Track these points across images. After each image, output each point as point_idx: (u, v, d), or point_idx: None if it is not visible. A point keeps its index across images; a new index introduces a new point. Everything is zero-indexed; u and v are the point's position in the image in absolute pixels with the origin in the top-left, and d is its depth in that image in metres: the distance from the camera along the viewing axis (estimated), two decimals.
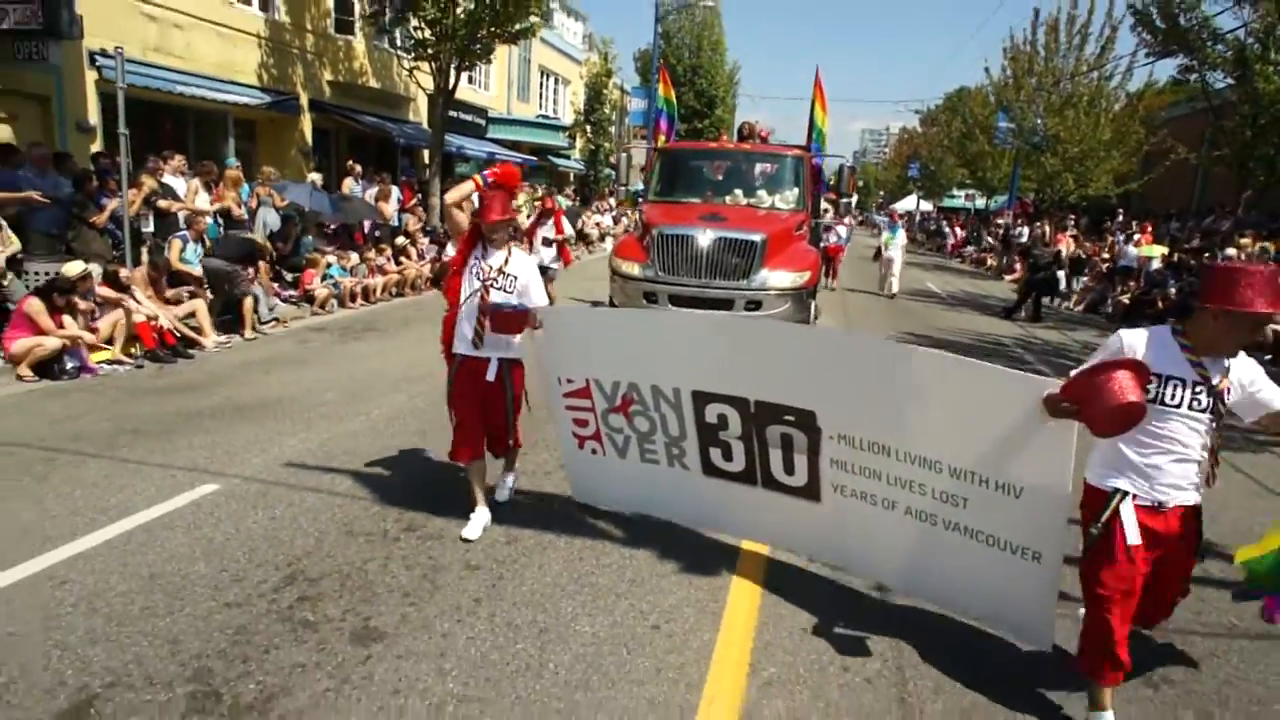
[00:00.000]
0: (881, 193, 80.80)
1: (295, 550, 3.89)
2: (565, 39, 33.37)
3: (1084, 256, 21.56)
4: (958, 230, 28.61)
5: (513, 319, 3.89)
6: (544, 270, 10.48)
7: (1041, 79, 24.21)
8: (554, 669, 3.03)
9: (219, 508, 4.37)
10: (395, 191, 15.14)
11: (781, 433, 3.57)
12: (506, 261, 4.02)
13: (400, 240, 14.02)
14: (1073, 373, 2.69)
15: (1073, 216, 25.90)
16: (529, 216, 12.28)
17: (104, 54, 11.75)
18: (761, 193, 9.67)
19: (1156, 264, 16.89)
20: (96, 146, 11.88)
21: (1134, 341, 2.71)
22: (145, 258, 9.00)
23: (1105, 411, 2.49)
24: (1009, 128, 26.36)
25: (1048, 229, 25.14)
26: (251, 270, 9.77)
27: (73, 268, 7.64)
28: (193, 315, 8.80)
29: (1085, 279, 19.71)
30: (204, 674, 2.89)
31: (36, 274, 7.94)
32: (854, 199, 21.31)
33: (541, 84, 31.84)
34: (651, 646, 3.22)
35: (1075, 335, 13.84)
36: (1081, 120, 22.72)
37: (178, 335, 8.30)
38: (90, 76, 12.03)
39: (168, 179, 10.19)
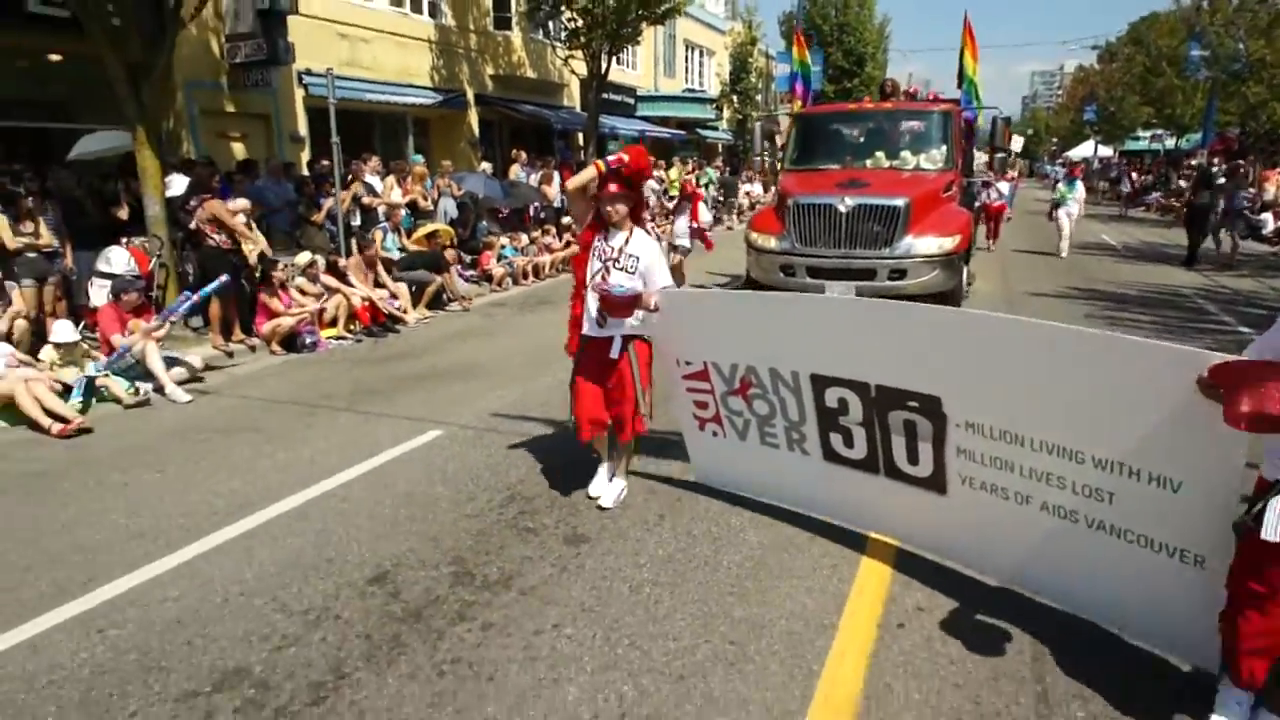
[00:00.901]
0: (1055, 140, 74.68)
1: (510, 478, 4.78)
2: (708, 8, 33.49)
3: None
4: (1133, 176, 26.04)
5: (621, 303, 3.86)
6: (675, 248, 10.97)
7: None
8: (727, 565, 3.67)
9: (445, 448, 5.36)
10: (556, 175, 16.25)
11: (905, 419, 3.37)
12: (627, 241, 3.97)
13: (565, 220, 15.10)
14: (1244, 354, 2.40)
15: None
16: (672, 197, 12.83)
17: (309, 73, 13.53)
18: (906, 153, 9.13)
19: None
20: (305, 153, 13.74)
21: None
22: (355, 248, 10.48)
23: (1247, 416, 2.19)
24: (1203, 56, 23.89)
25: (1254, 168, 22.68)
26: (438, 276, 10.93)
27: (303, 258, 9.14)
28: (396, 297, 10.17)
29: None
30: (459, 560, 3.78)
31: (278, 265, 9.48)
32: (1011, 153, 19.91)
33: (687, 58, 32.24)
34: (809, 552, 3.79)
35: (1275, 283, 12.70)
36: None
37: (386, 314, 9.67)
38: (299, 94, 13.87)
39: (368, 178, 11.68)
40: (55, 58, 10.35)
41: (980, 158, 19.83)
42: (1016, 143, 26.43)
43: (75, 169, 8.61)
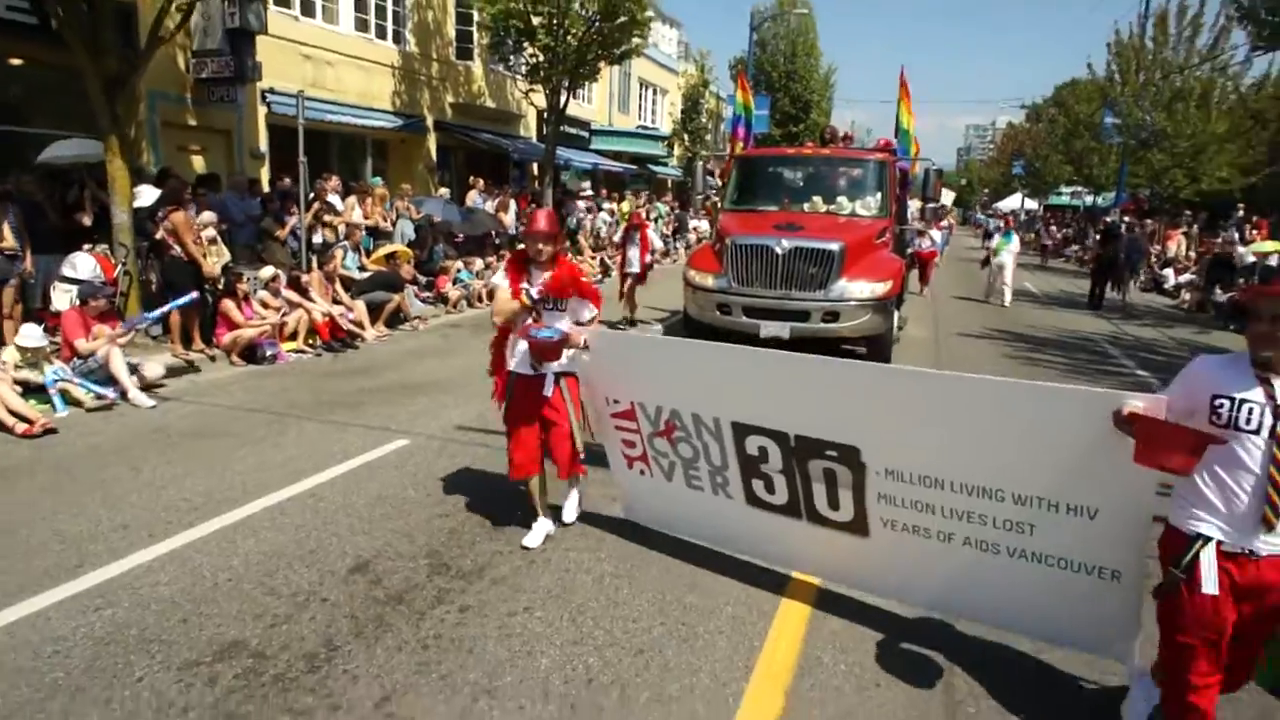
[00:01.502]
0: (986, 191, 78.55)
1: (477, 483, 5.12)
2: (661, 47, 34.61)
3: (1191, 254, 21.08)
4: (1053, 229, 27.83)
5: (550, 347, 3.88)
6: (626, 275, 11.48)
7: (1149, 73, 23.71)
8: (680, 562, 4.11)
9: (413, 455, 5.67)
10: (513, 203, 16.67)
11: (825, 467, 3.47)
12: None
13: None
14: (1151, 401, 2.59)
15: (1188, 212, 25.17)
16: (621, 228, 13.15)
17: (273, 91, 13.72)
18: (842, 199, 9.32)
19: (1275, 260, 16.55)
20: (265, 169, 13.86)
21: (1206, 369, 2.53)
22: (316, 265, 10.67)
23: (1153, 460, 2.50)
24: (1115, 123, 25.89)
25: (1159, 228, 24.56)
26: (396, 295, 11.19)
27: (266, 272, 9.32)
28: (353, 313, 10.38)
29: (1191, 276, 19.34)
30: (434, 554, 4.11)
31: (242, 278, 9.64)
32: (942, 203, 20.73)
33: (641, 95, 33.21)
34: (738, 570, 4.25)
35: (1172, 333, 13.90)
36: (1192, 114, 22.19)
37: (345, 330, 9.88)
38: (261, 111, 14.01)
39: (330, 198, 11.90)
40: (16, 62, 10.36)
41: (913, 206, 20.97)
42: (948, 195, 27.94)
43: (37, 174, 8.64)
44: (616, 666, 3.18)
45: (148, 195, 8.66)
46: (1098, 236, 19.51)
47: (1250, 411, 2.35)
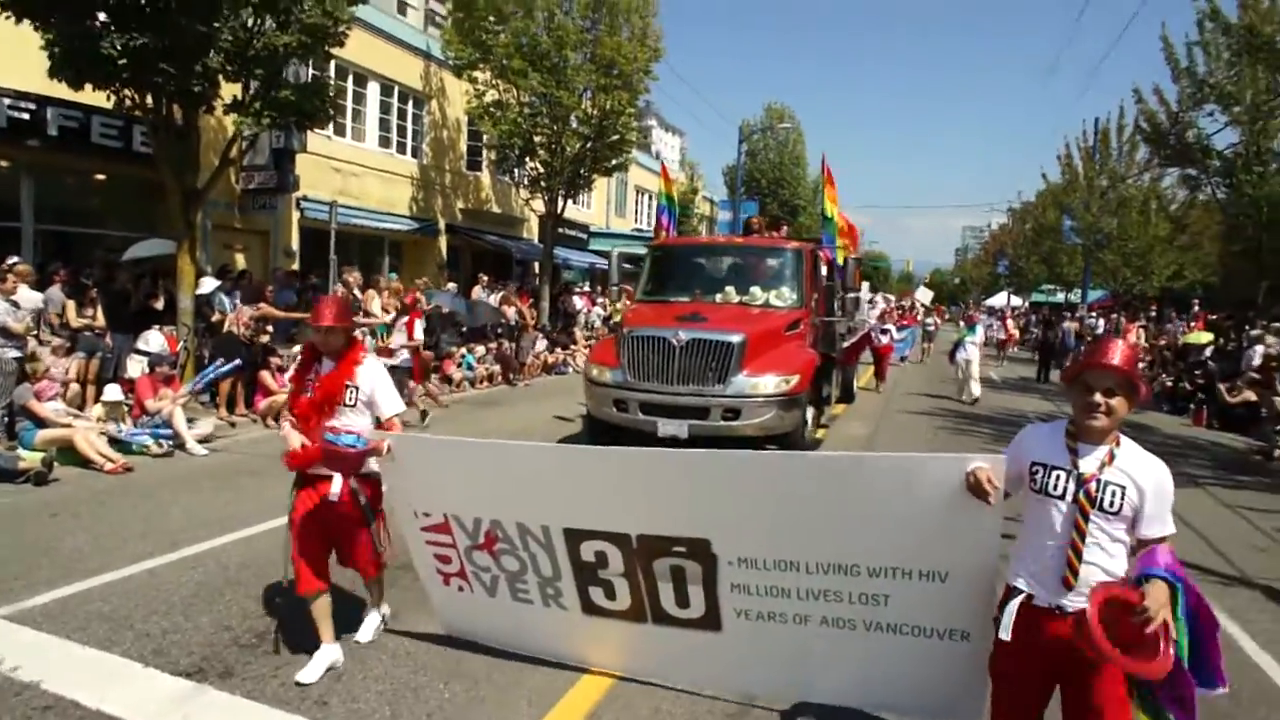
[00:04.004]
0: (976, 289, 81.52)
1: None
2: (666, 153, 37.61)
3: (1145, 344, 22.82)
4: (1007, 324, 29.76)
5: (349, 457, 3.44)
6: (394, 370, 9.46)
7: (1093, 183, 26.12)
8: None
9: None
10: (516, 299, 18.56)
11: (671, 565, 3.28)
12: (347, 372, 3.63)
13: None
14: (993, 462, 2.68)
15: (1154, 307, 27.10)
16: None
17: (306, 199, 15.83)
18: (756, 289, 8.85)
19: (1210, 350, 18.22)
20: (295, 265, 15.80)
21: (1030, 436, 2.65)
22: None
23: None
24: (1073, 226, 28.18)
25: (1119, 320, 26.44)
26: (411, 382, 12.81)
27: (296, 349, 11.03)
28: None
29: (1142, 364, 21.03)
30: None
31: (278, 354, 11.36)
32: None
33: (637, 200, 35.96)
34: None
35: None
36: (1135, 218, 24.40)
37: None
38: (295, 216, 16.08)
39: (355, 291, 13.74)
40: (100, 177, 12.43)
41: (878, 300, 22.17)
42: (925, 294, 29.85)
43: (121, 268, 10.49)
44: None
45: (206, 285, 10.45)
46: (1040, 326, 21.72)
47: (1057, 478, 2.46)
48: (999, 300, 54.94)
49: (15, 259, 8.73)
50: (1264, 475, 10.16)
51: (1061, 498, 2.45)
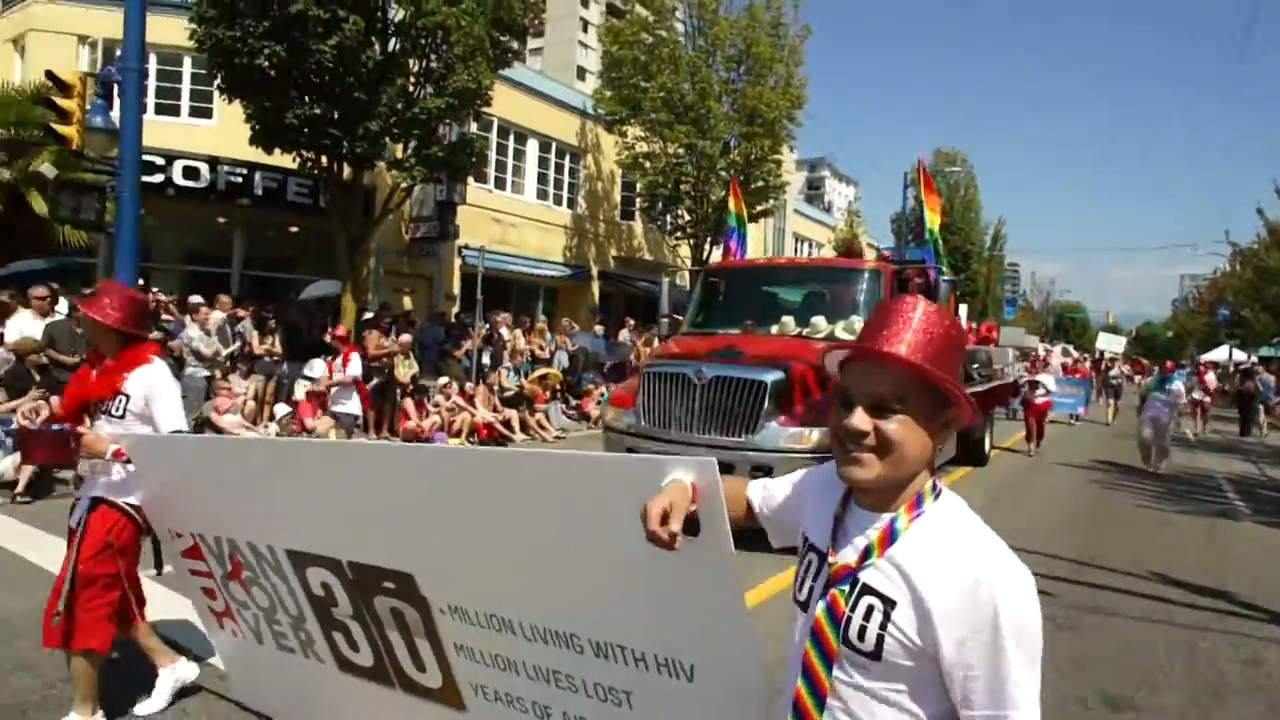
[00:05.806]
0: (1193, 342, 72.61)
1: None
2: (839, 203, 37.27)
3: None
4: (1206, 380, 21.38)
5: (51, 449, 2.91)
6: (339, 417, 9.10)
7: None
8: None
9: None
10: (656, 341, 19.09)
11: (390, 606, 2.42)
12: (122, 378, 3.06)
13: None
14: (696, 476, 1.50)
15: None
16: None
17: (467, 247, 17.33)
18: (819, 319, 7.42)
19: None
20: (455, 307, 17.28)
21: (812, 481, 1.56)
22: (483, 381, 13.37)
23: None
24: None
25: None
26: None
27: (441, 380, 12.03)
28: (508, 422, 12.83)
29: None
30: None
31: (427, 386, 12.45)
32: (1102, 350, 19.31)
33: (796, 248, 35.77)
34: None
35: None
36: None
37: (498, 433, 12.27)
38: (457, 262, 17.64)
39: (503, 330, 14.81)
40: (294, 229, 14.41)
41: (1056, 352, 20.16)
42: (1116, 342, 27.16)
43: (296, 305, 12.09)
44: None
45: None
46: (1238, 376, 19.63)
47: (809, 566, 1.40)
48: (1219, 354, 48.63)
49: (225, 297, 10.40)
50: None
51: (804, 606, 1.37)
